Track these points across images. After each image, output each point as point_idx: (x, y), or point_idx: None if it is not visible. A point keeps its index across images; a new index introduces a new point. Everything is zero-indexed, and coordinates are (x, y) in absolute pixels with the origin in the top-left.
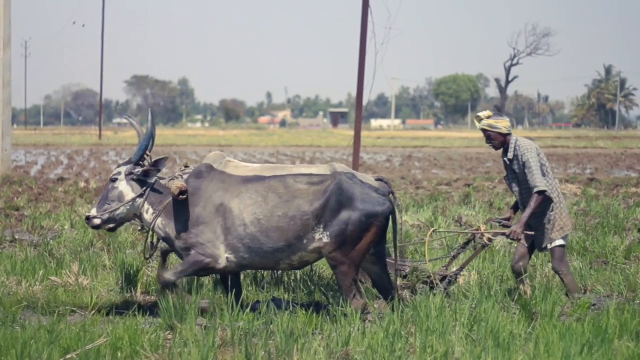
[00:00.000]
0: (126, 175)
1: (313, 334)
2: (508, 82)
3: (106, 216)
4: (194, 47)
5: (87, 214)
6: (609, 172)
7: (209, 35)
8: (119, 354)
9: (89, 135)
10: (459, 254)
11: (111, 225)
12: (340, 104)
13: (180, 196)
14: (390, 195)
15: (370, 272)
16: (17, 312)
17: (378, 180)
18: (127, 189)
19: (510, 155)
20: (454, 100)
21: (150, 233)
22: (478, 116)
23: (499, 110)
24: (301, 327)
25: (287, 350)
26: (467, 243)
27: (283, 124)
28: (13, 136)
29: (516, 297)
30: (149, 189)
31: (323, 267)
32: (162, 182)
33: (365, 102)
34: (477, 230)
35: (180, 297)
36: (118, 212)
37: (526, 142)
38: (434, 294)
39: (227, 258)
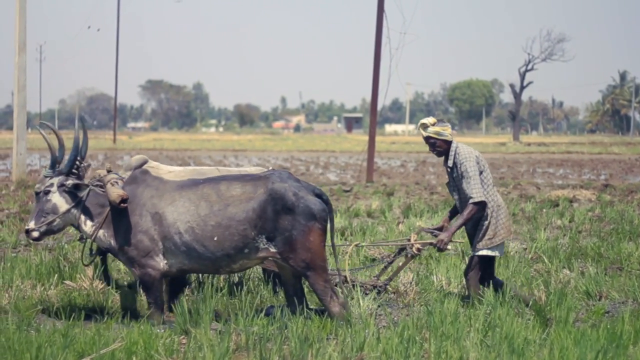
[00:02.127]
0: (58, 187)
1: (327, 339)
2: (522, 88)
3: (44, 228)
4: (208, 52)
5: (27, 227)
6: (624, 178)
7: (224, 39)
8: (134, 358)
9: (103, 140)
10: (391, 263)
11: (52, 237)
12: (354, 109)
13: (122, 204)
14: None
15: (282, 273)
16: (31, 315)
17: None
18: (60, 201)
19: (450, 162)
20: (468, 106)
21: (89, 241)
22: (423, 123)
23: (513, 116)
24: (316, 332)
25: (302, 355)
26: (399, 252)
27: (297, 128)
28: (28, 140)
29: (531, 302)
30: (82, 200)
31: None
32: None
33: (379, 107)
34: (407, 240)
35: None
36: (54, 223)
37: (465, 150)
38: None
39: (167, 264)
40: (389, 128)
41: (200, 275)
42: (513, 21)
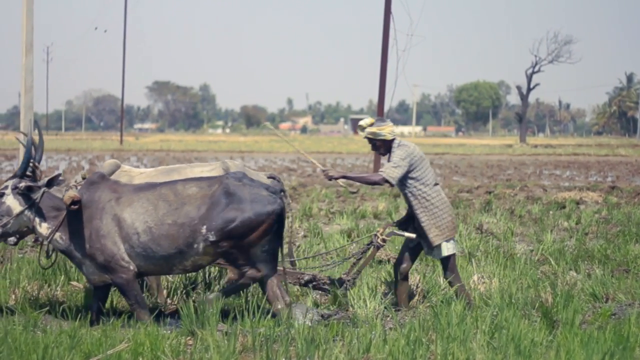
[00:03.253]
0: (12, 190)
1: (334, 341)
2: (529, 90)
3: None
4: (215, 53)
5: None
6: (630, 180)
7: (231, 41)
8: (140, 359)
9: (110, 141)
10: (360, 258)
11: (10, 239)
12: (361, 111)
13: (72, 206)
14: (281, 192)
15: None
16: (38, 316)
17: (270, 177)
18: (14, 203)
19: (388, 158)
20: (475, 107)
21: (46, 243)
22: (360, 125)
23: (520, 118)
24: (322, 334)
25: (308, 357)
26: (368, 247)
27: (304, 130)
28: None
29: (537, 304)
30: (36, 202)
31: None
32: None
33: (386, 108)
34: (374, 235)
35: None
36: (9, 226)
37: (406, 145)
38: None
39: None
40: (396, 130)
41: (206, 276)
42: (520, 23)
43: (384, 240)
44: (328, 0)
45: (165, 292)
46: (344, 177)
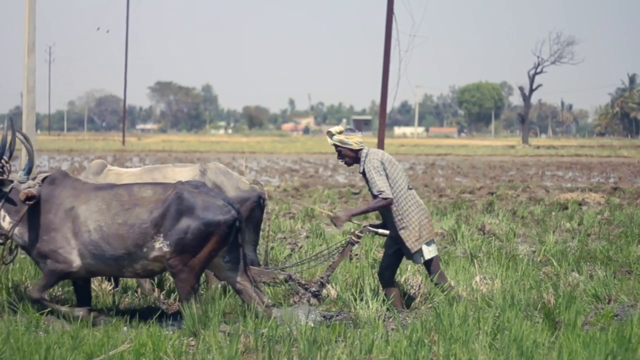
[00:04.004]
0: None
1: (336, 341)
2: (532, 90)
3: None
4: (217, 54)
5: None
6: (633, 181)
7: (233, 41)
8: None
9: (112, 141)
10: (330, 254)
11: None
12: (363, 111)
13: (27, 201)
14: (261, 199)
15: (229, 280)
16: (40, 317)
17: (252, 183)
18: None
19: (360, 169)
20: (478, 108)
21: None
22: (329, 131)
23: (522, 119)
24: (324, 335)
25: (310, 358)
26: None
27: (306, 130)
28: (37, 141)
29: (539, 305)
30: (5, 194)
31: (346, 275)
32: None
33: (388, 109)
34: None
35: (54, 309)
36: None
37: (372, 155)
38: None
39: (76, 262)
40: (398, 130)
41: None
42: (522, 24)
43: (357, 237)
44: (330, 0)
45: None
46: (352, 215)
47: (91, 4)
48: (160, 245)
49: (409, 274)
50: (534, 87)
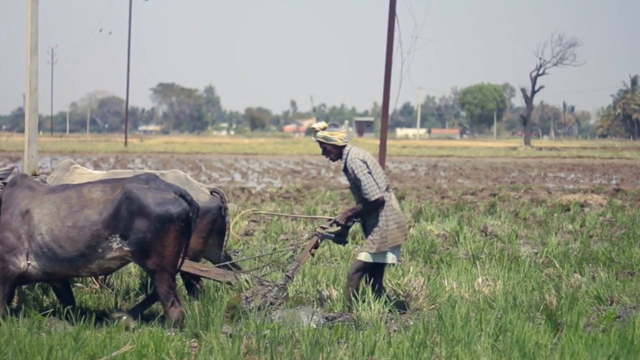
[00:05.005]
0: None
1: (338, 343)
2: (534, 92)
3: None
4: (220, 55)
5: None
6: (635, 183)
7: (235, 43)
8: None
9: (114, 143)
10: (295, 249)
11: None
12: (365, 113)
13: None
14: (222, 209)
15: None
16: (43, 318)
17: (212, 192)
18: None
19: (342, 166)
20: (480, 110)
21: None
22: (313, 128)
23: (524, 121)
24: (326, 336)
25: (312, 359)
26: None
27: (308, 132)
28: (39, 143)
29: (541, 307)
30: None
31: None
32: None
33: (390, 111)
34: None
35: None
36: None
37: (353, 153)
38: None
39: (30, 265)
40: (400, 132)
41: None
42: (524, 25)
43: (322, 228)
44: (332, 2)
45: None
46: (349, 217)
47: (93, 5)
48: (119, 246)
49: (412, 275)
50: (536, 88)
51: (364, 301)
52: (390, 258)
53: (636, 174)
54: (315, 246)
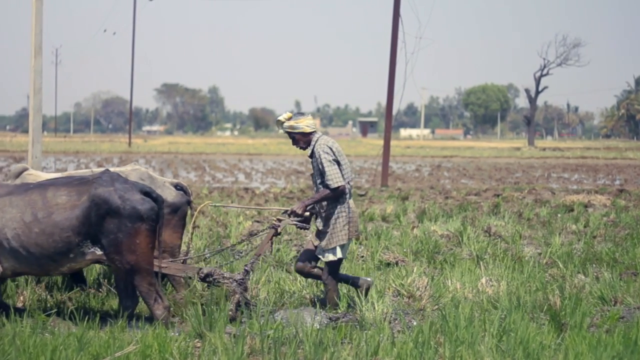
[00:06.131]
0: None
1: (342, 343)
2: (538, 93)
3: None
4: (224, 56)
5: None
6: (639, 183)
7: (239, 43)
8: None
9: (118, 143)
10: (253, 236)
11: None
12: (369, 113)
13: None
14: (187, 203)
15: (113, 268)
16: (46, 319)
17: (176, 187)
18: None
19: (309, 152)
20: (483, 110)
21: None
22: (278, 120)
23: (528, 121)
24: (330, 336)
25: (316, 359)
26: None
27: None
28: (43, 143)
29: (545, 307)
30: None
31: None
32: None
33: (394, 111)
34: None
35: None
36: None
37: (322, 140)
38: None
39: (2, 266)
40: (404, 132)
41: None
42: (528, 26)
43: (279, 220)
44: (336, 2)
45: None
46: (306, 205)
47: (98, 6)
48: (92, 250)
49: (415, 276)
50: (540, 89)
51: (367, 301)
52: (339, 252)
53: None
54: (275, 235)
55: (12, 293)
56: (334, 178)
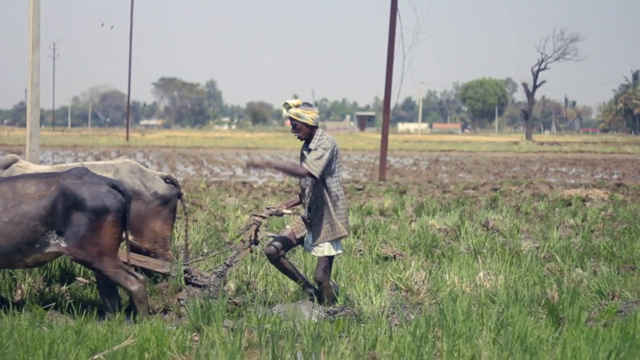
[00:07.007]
0: None
1: (340, 337)
2: (535, 87)
3: None
4: (221, 50)
5: None
6: (636, 178)
7: (237, 37)
8: (146, 355)
9: (116, 137)
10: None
11: None
12: (367, 107)
13: None
14: (178, 196)
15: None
16: (44, 312)
17: (166, 180)
18: None
19: (311, 145)
20: (481, 105)
21: None
22: (286, 103)
23: (526, 115)
24: (328, 330)
25: (314, 353)
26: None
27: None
28: (41, 137)
29: (543, 301)
30: None
31: (350, 270)
32: None
33: (392, 105)
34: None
35: None
36: None
37: (329, 137)
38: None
39: None
40: (402, 126)
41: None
42: (526, 20)
43: (262, 217)
44: None
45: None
46: (269, 164)
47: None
48: (57, 242)
49: (413, 270)
50: (537, 83)
51: (365, 295)
52: (327, 249)
53: (637, 169)
54: (255, 232)
55: (11, 286)
56: (316, 166)
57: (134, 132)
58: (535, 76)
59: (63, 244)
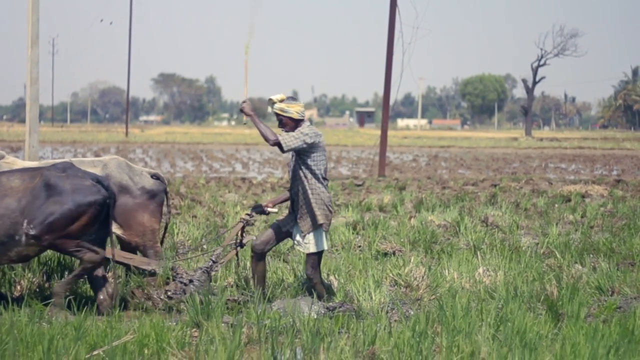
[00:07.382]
0: None
1: (339, 333)
2: (535, 83)
3: None
4: (221, 45)
5: None
6: (636, 174)
7: (236, 33)
8: (145, 351)
9: (115, 133)
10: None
11: None
12: (366, 103)
13: None
14: (164, 193)
15: None
16: (44, 308)
17: (153, 176)
18: None
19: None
20: (481, 101)
21: None
22: (270, 99)
23: (525, 111)
24: (327, 326)
25: (313, 349)
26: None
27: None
28: (40, 133)
29: (542, 297)
30: None
31: (349, 266)
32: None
33: (391, 101)
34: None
35: None
36: None
37: (313, 129)
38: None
39: None
40: (401, 122)
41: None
42: (526, 16)
43: (248, 216)
44: None
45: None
46: (253, 116)
47: None
48: (27, 230)
49: (412, 266)
50: (537, 79)
51: (365, 291)
52: (313, 245)
53: (637, 165)
54: (242, 229)
55: (11, 282)
56: (288, 141)
57: (133, 128)
58: (535, 72)
59: (32, 232)
